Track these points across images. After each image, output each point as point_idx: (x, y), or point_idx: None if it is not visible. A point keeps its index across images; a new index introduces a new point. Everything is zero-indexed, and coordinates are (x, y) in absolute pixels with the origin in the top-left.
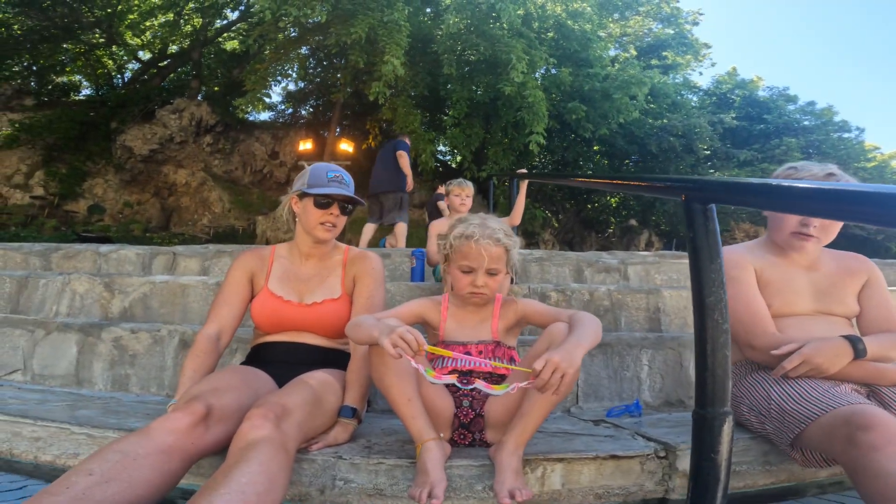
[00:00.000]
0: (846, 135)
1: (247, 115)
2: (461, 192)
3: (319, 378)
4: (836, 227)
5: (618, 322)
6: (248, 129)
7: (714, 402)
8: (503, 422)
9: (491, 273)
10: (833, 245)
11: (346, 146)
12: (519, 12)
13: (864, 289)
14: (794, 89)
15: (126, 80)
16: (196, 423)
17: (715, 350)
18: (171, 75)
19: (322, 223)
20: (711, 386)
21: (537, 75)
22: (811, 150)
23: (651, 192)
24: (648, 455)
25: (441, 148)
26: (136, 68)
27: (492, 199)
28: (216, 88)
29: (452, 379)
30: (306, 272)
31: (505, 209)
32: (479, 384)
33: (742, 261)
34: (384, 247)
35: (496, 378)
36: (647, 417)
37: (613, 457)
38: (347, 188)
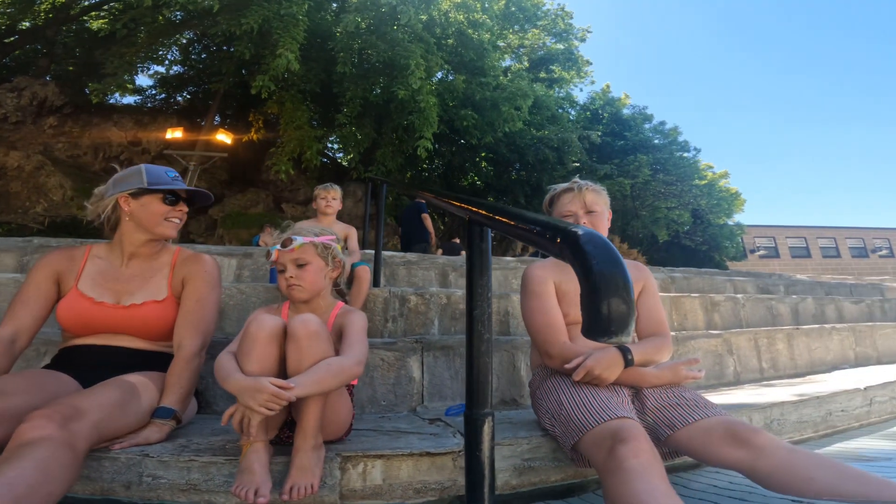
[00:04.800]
0: (686, 154)
1: (106, 98)
2: (327, 196)
3: (131, 380)
4: (603, 225)
5: None
6: (104, 113)
7: (478, 404)
8: None
9: (299, 265)
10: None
11: (223, 137)
12: (422, 17)
13: (640, 295)
14: (652, 108)
15: None
16: None
17: (478, 357)
18: (17, 52)
19: (168, 219)
20: (476, 389)
21: (434, 80)
22: (658, 167)
23: (448, 209)
24: (459, 452)
25: (332, 146)
26: None
27: (370, 202)
28: (70, 68)
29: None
30: (128, 273)
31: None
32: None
33: (544, 275)
34: (257, 244)
35: None
36: None
37: (428, 454)
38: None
